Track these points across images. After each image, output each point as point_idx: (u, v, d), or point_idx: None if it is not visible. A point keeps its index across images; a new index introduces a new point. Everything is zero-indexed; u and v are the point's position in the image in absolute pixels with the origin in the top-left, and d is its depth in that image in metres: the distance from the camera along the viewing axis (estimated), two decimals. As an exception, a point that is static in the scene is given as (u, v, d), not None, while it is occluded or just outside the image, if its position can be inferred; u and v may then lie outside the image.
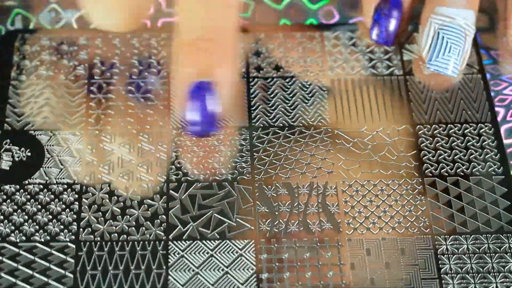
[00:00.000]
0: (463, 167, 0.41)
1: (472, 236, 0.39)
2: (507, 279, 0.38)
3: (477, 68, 0.44)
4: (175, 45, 0.37)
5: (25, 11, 0.46)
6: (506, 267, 0.38)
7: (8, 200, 0.39)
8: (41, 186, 0.40)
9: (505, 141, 0.42)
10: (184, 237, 0.39)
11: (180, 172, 0.40)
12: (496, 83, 0.44)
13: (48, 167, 0.40)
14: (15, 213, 0.39)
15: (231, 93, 0.37)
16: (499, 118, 0.43)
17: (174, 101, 0.36)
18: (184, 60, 0.36)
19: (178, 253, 0.38)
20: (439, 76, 0.43)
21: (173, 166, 0.41)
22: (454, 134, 0.42)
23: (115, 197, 0.40)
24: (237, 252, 0.39)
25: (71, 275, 0.38)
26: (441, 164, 0.41)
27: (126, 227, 0.39)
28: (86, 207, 0.39)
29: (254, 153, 0.41)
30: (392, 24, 0.43)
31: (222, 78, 0.36)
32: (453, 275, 0.38)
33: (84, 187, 0.40)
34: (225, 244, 0.39)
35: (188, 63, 0.36)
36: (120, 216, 0.39)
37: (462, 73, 0.44)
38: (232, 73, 0.37)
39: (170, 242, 0.39)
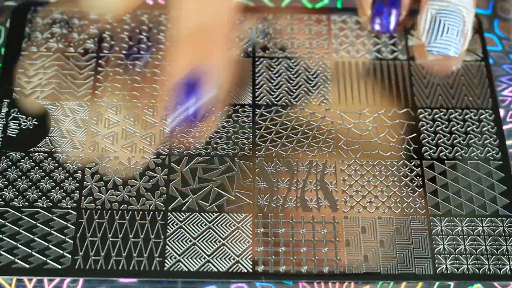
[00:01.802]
0: (462, 151, 0.41)
1: (467, 218, 0.40)
2: (499, 262, 0.38)
3: (480, 55, 0.45)
4: (172, 38, 0.38)
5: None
6: (500, 250, 0.39)
7: (13, 167, 0.40)
8: (46, 155, 0.41)
9: (507, 142, 0.42)
10: (183, 209, 0.39)
11: (182, 146, 0.41)
12: (496, 84, 0.45)
13: (53, 137, 0.41)
14: (19, 179, 0.40)
15: (224, 78, 0.39)
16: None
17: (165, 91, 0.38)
18: (177, 54, 0.38)
19: (177, 224, 0.39)
20: (441, 61, 0.43)
21: (176, 140, 0.41)
22: (454, 119, 0.43)
23: (118, 167, 0.40)
24: (234, 225, 0.39)
25: (71, 241, 0.38)
26: (440, 147, 0.42)
27: (127, 197, 0.40)
28: (89, 176, 0.40)
29: (256, 130, 0.42)
30: (393, 13, 0.43)
31: (213, 67, 0.38)
32: (446, 255, 0.39)
33: (87, 156, 0.41)
34: (223, 217, 0.39)
35: (180, 57, 0.38)
36: (121, 186, 0.40)
37: (463, 57, 0.44)
38: (223, 61, 0.39)
39: (169, 213, 0.39)
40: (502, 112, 0.44)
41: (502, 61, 0.46)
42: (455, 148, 0.42)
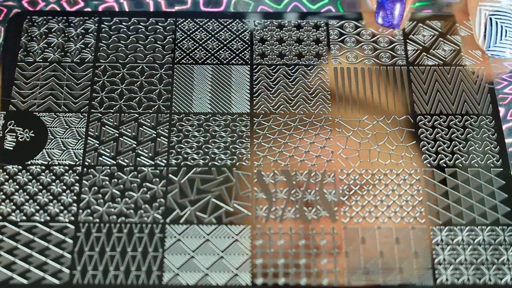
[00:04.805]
0: (462, 159, 0.41)
1: (468, 227, 0.39)
2: (500, 271, 0.38)
3: (480, 58, 0.44)
4: None
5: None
6: (500, 260, 0.38)
7: (10, 180, 0.40)
8: (43, 167, 0.41)
9: (506, 140, 0.42)
10: (181, 221, 0.39)
11: (180, 156, 0.41)
12: (497, 81, 0.44)
13: (50, 149, 0.41)
14: (17, 193, 0.40)
15: None
16: (499, 118, 0.43)
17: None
18: None
19: (175, 237, 0.39)
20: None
21: (173, 151, 0.41)
22: (454, 126, 0.42)
23: (115, 179, 0.40)
24: (232, 237, 0.39)
25: (69, 256, 0.38)
26: (440, 155, 0.41)
27: (125, 210, 0.39)
28: (87, 189, 0.40)
29: (254, 140, 0.41)
30: (397, 7, 0.43)
31: None
32: (446, 265, 0.38)
33: (85, 169, 0.40)
34: (221, 229, 0.39)
35: None
36: (119, 199, 0.40)
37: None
38: None
39: (167, 226, 0.39)
40: (502, 110, 0.43)
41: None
42: (455, 155, 0.41)
